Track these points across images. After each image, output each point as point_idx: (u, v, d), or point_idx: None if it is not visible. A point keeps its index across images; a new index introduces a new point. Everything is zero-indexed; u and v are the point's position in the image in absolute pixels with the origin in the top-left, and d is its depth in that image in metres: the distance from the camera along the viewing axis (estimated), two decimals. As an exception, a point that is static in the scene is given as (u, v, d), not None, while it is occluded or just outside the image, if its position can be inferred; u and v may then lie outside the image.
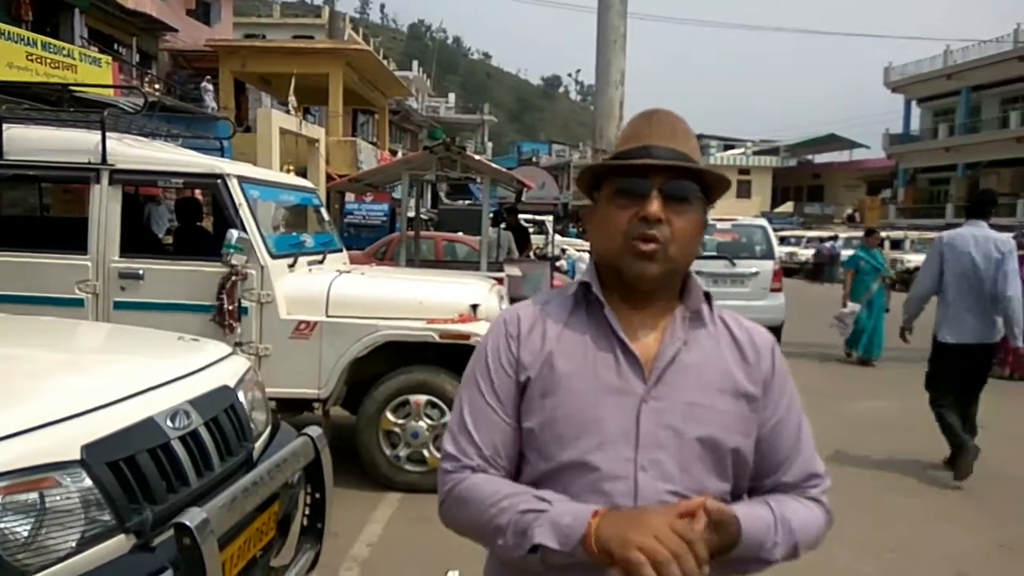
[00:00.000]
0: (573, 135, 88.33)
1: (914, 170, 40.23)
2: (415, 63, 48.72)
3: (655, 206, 1.09)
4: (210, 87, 19.32)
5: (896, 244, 24.06)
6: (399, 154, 24.26)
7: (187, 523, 1.73)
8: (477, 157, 8.51)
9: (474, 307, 4.49)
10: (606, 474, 1.08)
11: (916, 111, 40.73)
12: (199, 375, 2.37)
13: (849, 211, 41.04)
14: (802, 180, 46.73)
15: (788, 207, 44.39)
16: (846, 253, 23.46)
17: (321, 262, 4.92)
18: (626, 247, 1.11)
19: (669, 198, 1.11)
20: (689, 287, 1.19)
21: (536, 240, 17.21)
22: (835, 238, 26.76)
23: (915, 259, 19.37)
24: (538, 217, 18.09)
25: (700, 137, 51.79)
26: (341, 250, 5.49)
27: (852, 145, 44.17)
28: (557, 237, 22.80)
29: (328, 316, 4.34)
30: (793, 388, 1.21)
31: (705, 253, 10.47)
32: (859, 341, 9.59)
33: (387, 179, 9.56)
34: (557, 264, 16.23)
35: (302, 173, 14.32)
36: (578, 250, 20.01)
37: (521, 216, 12.31)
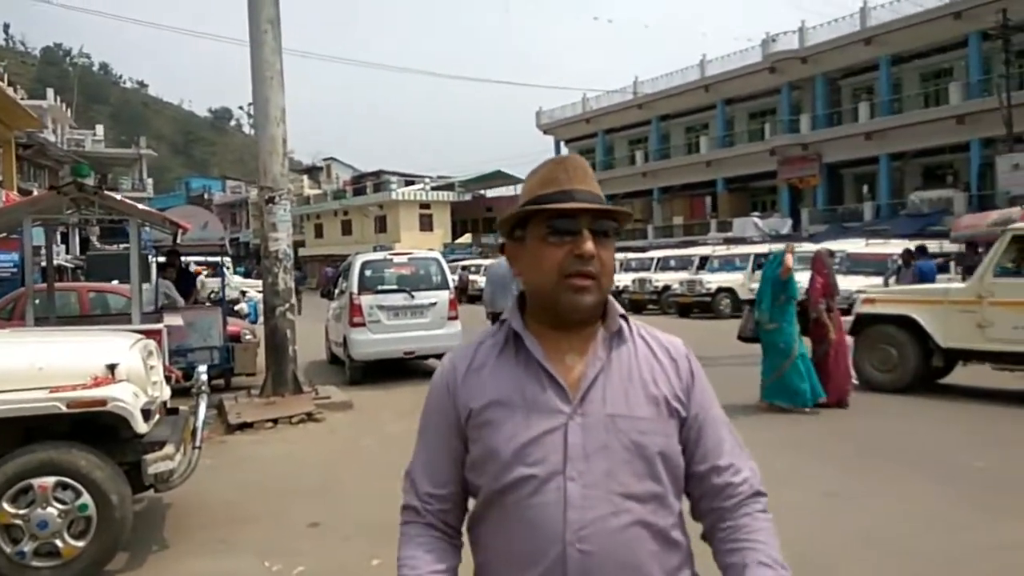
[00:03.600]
0: (249, 170, 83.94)
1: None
2: (51, 91, 42.50)
3: (590, 244, 1.23)
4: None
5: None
6: (34, 194, 20.87)
7: None
8: (118, 196, 7.61)
9: (111, 367, 3.93)
10: (541, 487, 1.20)
11: (564, 151, 46.33)
12: None
13: (518, 240, 44.99)
14: (477, 213, 50.09)
15: (467, 238, 47.28)
16: (518, 278, 25.58)
17: None
18: (562, 283, 1.23)
19: (596, 234, 1.24)
20: (608, 310, 1.30)
21: (212, 284, 15.97)
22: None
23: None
24: (211, 259, 16.81)
25: (380, 173, 53.08)
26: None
27: (516, 181, 48.59)
28: (236, 279, 21.45)
29: (-93, 397, 3.47)
30: (710, 388, 1.35)
31: (385, 287, 10.61)
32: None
33: (7, 225, 8.11)
34: (236, 308, 15.20)
35: None
36: (257, 291, 19.01)
37: (191, 259, 11.31)
